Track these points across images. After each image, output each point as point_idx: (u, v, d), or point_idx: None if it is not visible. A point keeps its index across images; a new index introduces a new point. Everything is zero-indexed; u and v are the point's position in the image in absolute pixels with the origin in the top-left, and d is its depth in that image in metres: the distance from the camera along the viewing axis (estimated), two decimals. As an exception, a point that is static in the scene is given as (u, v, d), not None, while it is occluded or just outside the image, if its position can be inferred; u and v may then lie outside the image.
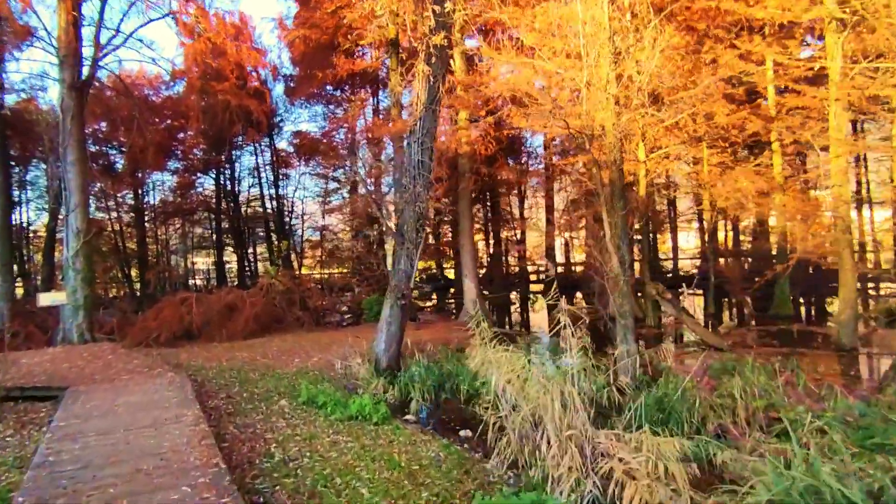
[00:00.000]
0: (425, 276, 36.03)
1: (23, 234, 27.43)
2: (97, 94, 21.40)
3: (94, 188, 26.55)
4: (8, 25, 16.03)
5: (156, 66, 30.37)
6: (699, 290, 22.69)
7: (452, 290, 32.76)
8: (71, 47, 13.61)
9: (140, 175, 25.89)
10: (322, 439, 6.57)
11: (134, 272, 29.95)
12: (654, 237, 29.91)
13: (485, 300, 19.07)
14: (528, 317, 23.66)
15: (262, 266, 35.28)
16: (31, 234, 29.15)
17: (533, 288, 34.12)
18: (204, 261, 39.76)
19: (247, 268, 33.21)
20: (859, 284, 21.09)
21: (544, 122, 15.06)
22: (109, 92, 22.93)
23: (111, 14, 46.36)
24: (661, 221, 30.05)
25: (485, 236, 36.86)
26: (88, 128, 24.41)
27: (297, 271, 28.39)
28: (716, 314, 18.68)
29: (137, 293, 27.20)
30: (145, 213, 30.01)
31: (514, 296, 31.24)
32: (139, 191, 28.66)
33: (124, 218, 29.77)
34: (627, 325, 9.68)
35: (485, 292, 23.99)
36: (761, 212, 18.03)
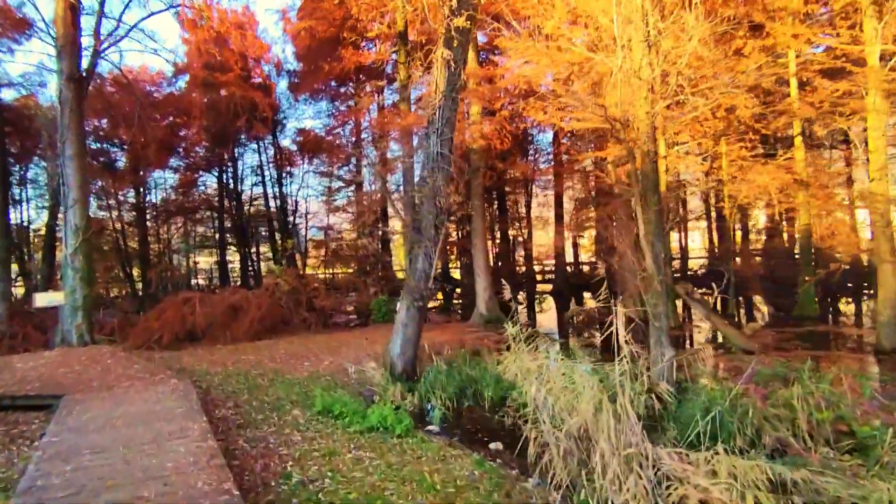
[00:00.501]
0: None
1: (23, 233, 26.77)
2: (98, 90, 20.76)
3: (95, 186, 25.90)
4: (2, 17, 15.34)
5: (158, 56, 29.76)
6: (708, 290, 22.03)
7: (458, 290, 32.06)
8: (69, 36, 12.93)
9: (141, 173, 25.21)
10: (343, 456, 5.89)
11: (135, 272, 29.29)
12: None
13: (497, 301, 18.37)
14: (537, 317, 23.00)
15: (264, 266, 34.63)
16: (32, 233, 28.47)
17: (539, 288, 33.46)
18: (206, 260, 39.09)
19: (250, 267, 32.52)
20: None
21: (563, 115, 14.41)
22: (110, 88, 22.33)
23: (112, 4, 45.58)
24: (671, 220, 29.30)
25: (490, 235, 36.17)
26: (89, 124, 23.83)
27: (302, 271, 27.72)
28: (736, 315, 18.01)
29: (139, 293, 26.53)
30: (147, 211, 29.33)
31: (520, 296, 30.56)
32: (141, 189, 27.99)
33: (125, 216, 29.10)
34: (662, 327, 9.01)
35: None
36: (786, 209, 17.34)
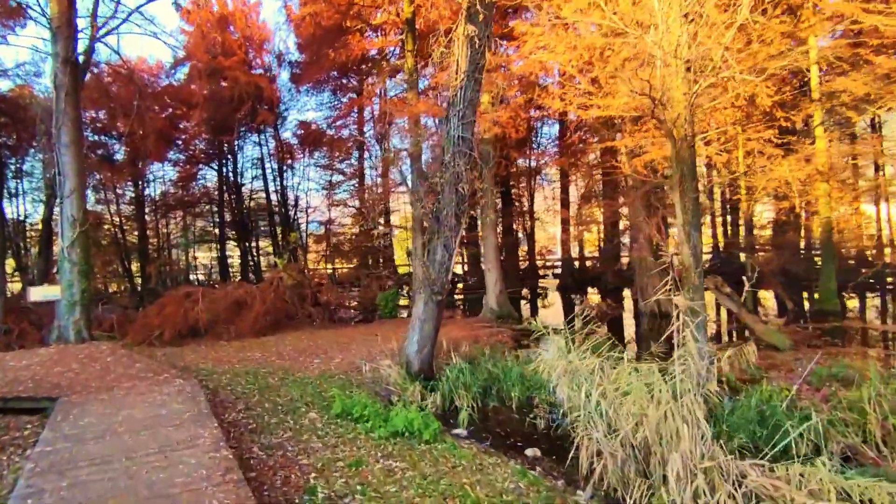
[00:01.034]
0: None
1: (19, 227, 25.97)
2: (96, 80, 20.03)
3: (93, 179, 25.14)
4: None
5: (158, 41, 28.90)
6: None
7: (461, 285, 31.40)
8: (64, 17, 12.20)
9: (140, 165, 24.45)
10: (371, 465, 5.25)
11: (134, 266, 28.55)
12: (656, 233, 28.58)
13: (508, 296, 17.75)
14: (545, 313, 22.37)
15: (264, 261, 33.93)
16: (29, 227, 27.66)
17: (543, 283, 32.87)
18: (205, 255, 38.35)
19: (250, 262, 31.80)
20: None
21: (581, 102, 13.75)
22: (108, 78, 21.58)
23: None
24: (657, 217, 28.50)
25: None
26: (86, 116, 23.08)
27: (305, 265, 27.04)
28: (753, 310, 17.41)
29: (138, 288, 25.80)
30: (146, 205, 28.57)
31: (524, 291, 29.94)
32: (139, 182, 27.21)
33: (124, 210, 28.33)
34: (700, 322, 8.36)
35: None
36: (803, 202, 16.72)
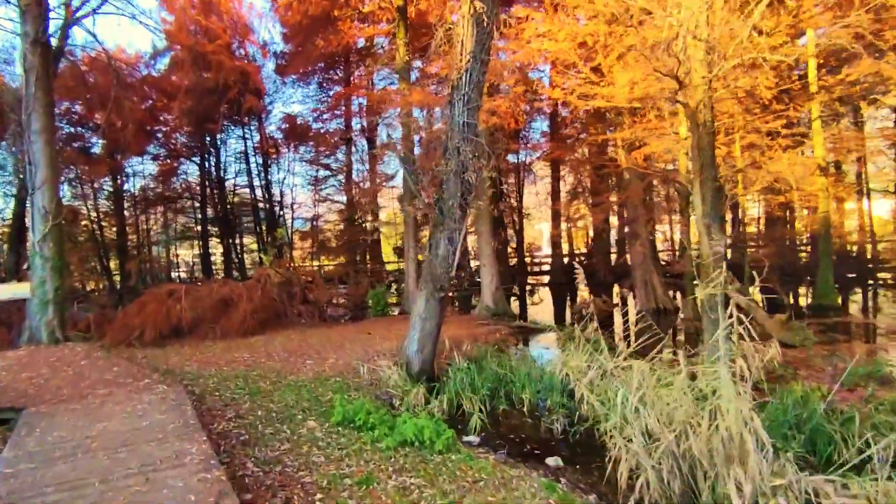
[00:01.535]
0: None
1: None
2: (72, 68, 18.99)
3: (68, 173, 23.99)
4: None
5: (137, 28, 27.73)
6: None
7: (452, 281, 30.77)
8: (33, -5, 11.30)
9: (119, 158, 23.34)
10: (383, 483, 4.62)
11: (113, 264, 27.40)
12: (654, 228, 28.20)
13: (503, 293, 17.21)
14: (535, 310, 21.89)
15: (248, 258, 32.95)
16: (1, 222, 26.39)
17: (533, 279, 32.47)
18: (187, 252, 37.19)
19: (234, 259, 30.80)
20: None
21: (582, 92, 13.23)
22: (85, 67, 20.50)
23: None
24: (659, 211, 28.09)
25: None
26: (62, 106, 21.94)
27: (291, 262, 26.19)
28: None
29: (117, 286, 24.72)
30: (125, 200, 27.41)
31: (515, 288, 29.46)
32: (118, 176, 26.04)
33: (102, 206, 27.14)
34: (717, 320, 7.86)
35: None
36: (798, 197, 16.45)
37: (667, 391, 4.76)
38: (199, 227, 30.97)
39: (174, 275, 31.30)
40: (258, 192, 30.41)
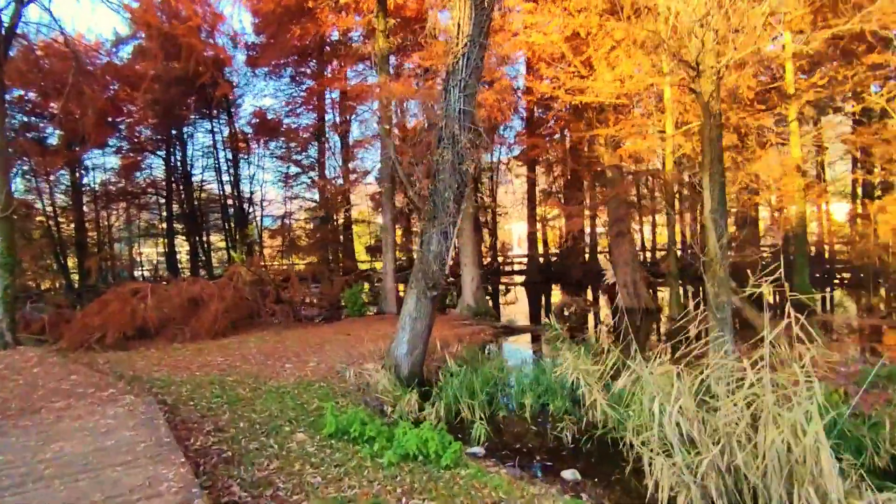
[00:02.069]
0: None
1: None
2: (26, 53, 17.62)
3: (21, 165, 22.39)
4: None
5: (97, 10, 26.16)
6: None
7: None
8: (-19, -34, 10.21)
9: (76, 149, 21.85)
10: (393, 508, 4.00)
11: (71, 262, 25.75)
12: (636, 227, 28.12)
13: (484, 292, 16.71)
14: (508, 309, 21.47)
15: (215, 257, 31.63)
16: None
17: (506, 279, 32.13)
18: (151, 250, 35.52)
19: (201, 258, 29.45)
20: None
21: (571, 87, 12.81)
22: (40, 52, 19.07)
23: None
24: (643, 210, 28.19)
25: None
26: (14, 94, 20.40)
27: (262, 261, 25.13)
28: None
29: (75, 285, 23.18)
30: (84, 195, 25.78)
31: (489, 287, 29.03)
32: (76, 169, 24.44)
33: (59, 200, 25.46)
34: (725, 319, 7.49)
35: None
36: (782, 197, 16.48)
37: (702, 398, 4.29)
38: (164, 225, 29.54)
39: (137, 273, 29.73)
40: (227, 189, 29.19)
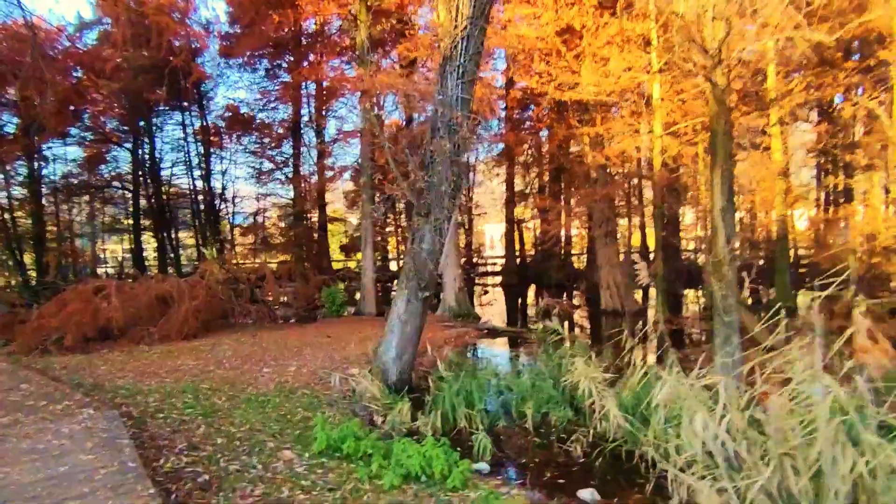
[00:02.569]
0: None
1: None
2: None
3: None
4: None
5: None
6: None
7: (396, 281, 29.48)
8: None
9: (36, 138, 20.46)
10: (404, 545, 3.42)
11: (29, 258, 24.19)
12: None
13: (466, 293, 16.17)
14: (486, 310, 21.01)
15: (183, 254, 30.33)
16: None
17: (479, 280, 31.75)
18: (115, 246, 33.92)
19: (169, 255, 28.11)
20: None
21: (560, 83, 12.37)
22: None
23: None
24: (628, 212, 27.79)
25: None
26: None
27: (235, 258, 24.10)
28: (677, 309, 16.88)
29: (33, 282, 21.74)
30: (44, 186, 24.25)
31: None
32: (35, 159, 22.94)
33: (15, 193, 23.87)
34: (732, 322, 7.09)
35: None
36: (762, 201, 16.43)
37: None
38: (130, 220, 28.11)
39: (101, 270, 28.23)
40: (197, 184, 27.94)
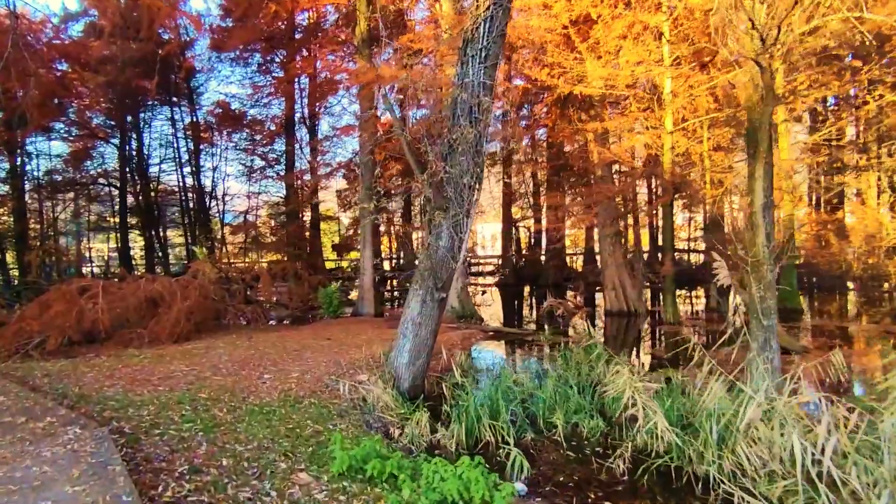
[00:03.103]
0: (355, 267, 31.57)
1: None
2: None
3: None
4: None
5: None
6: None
7: (394, 282, 28.83)
8: None
9: (17, 131, 19.49)
10: None
11: (11, 257, 23.16)
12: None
13: (469, 294, 15.61)
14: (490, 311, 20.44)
15: (171, 253, 29.43)
16: None
17: (472, 281, 31.18)
18: (101, 245, 32.84)
19: (157, 254, 27.19)
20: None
21: (575, 74, 11.85)
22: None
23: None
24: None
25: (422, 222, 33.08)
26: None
27: (228, 258, 23.30)
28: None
29: (14, 282, 20.78)
30: (26, 181, 23.22)
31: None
32: (17, 155, 21.91)
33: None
34: (771, 326, 6.61)
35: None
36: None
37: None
38: (116, 218, 27.15)
39: (86, 270, 27.22)
40: (187, 181, 27.07)
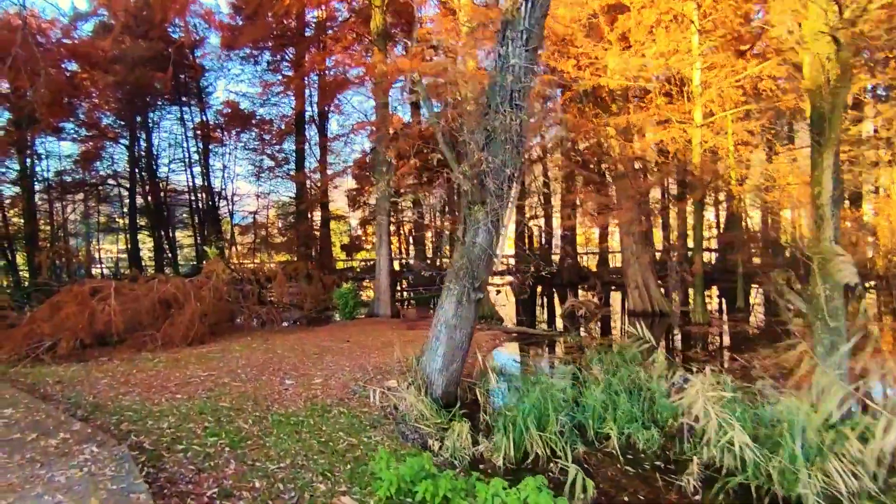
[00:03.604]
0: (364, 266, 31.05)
1: None
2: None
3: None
4: None
5: None
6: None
7: (408, 279, 28.33)
8: None
9: (28, 132, 19.12)
10: None
11: (21, 259, 22.78)
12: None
13: (488, 293, 15.07)
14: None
15: (181, 254, 29.04)
16: None
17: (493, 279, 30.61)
18: (111, 246, 32.50)
19: (167, 255, 26.78)
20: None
21: (600, 66, 11.33)
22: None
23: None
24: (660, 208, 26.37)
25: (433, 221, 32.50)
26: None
27: (240, 258, 22.88)
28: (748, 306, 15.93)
29: (24, 283, 20.40)
30: (36, 184, 22.85)
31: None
32: (27, 154, 21.54)
33: (6, 191, 22.48)
34: (839, 329, 6.06)
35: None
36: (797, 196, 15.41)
37: None
38: (126, 219, 26.78)
39: (96, 271, 26.84)
40: (196, 182, 26.64)
